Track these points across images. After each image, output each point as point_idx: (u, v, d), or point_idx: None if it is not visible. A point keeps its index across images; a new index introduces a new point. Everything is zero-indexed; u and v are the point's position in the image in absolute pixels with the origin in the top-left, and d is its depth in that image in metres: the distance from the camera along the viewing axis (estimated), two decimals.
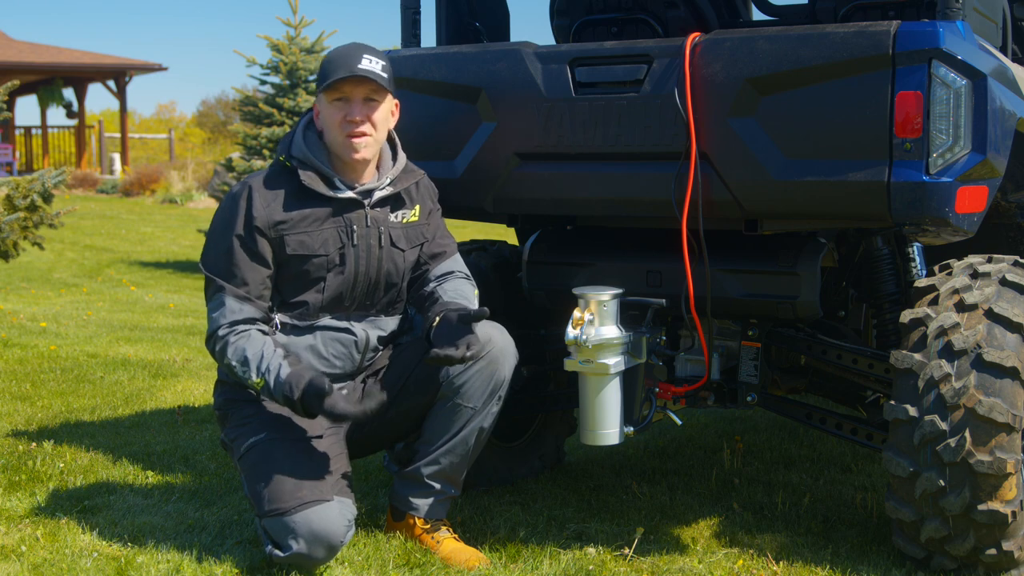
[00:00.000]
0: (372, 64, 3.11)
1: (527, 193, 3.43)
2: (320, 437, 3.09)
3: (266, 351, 3.00)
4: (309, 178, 3.12)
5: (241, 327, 3.04)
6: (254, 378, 2.98)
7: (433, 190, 3.36)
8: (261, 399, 3.12)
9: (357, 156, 3.13)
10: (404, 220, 3.25)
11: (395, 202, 3.24)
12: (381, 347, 3.28)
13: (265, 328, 3.09)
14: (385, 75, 3.13)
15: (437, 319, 3.08)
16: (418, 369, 3.18)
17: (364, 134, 3.12)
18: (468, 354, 2.99)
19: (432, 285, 3.25)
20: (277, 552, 2.93)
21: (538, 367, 3.84)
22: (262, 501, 2.97)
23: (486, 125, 3.41)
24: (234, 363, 3.02)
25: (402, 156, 3.27)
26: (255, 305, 3.08)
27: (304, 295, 3.15)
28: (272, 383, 2.95)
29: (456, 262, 3.34)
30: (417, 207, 3.29)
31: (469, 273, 3.35)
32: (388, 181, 3.22)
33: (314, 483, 2.97)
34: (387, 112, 3.19)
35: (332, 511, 2.93)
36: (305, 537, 2.89)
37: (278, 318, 3.15)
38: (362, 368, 3.26)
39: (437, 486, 3.21)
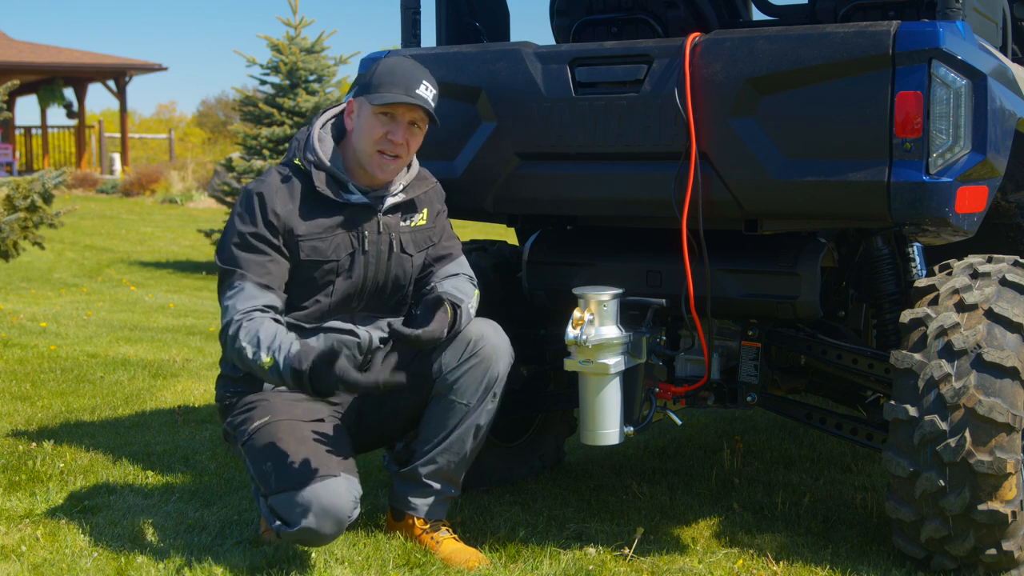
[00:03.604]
0: (427, 92, 3.12)
1: (527, 193, 3.43)
2: (322, 420, 3.10)
3: (279, 332, 2.96)
4: (322, 183, 3.12)
5: (257, 313, 3.01)
6: (264, 358, 2.92)
7: (440, 193, 3.37)
8: (265, 389, 3.11)
9: (382, 175, 3.15)
10: (412, 224, 3.26)
11: (406, 207, 3.25)
12: (382, 347, 3.28)
13: (281, 318, 3.07)
14: (434, 105, 3.15)
15: (411, 309, 3.14)
16: (412, 365, 3.18)
17: (398, 156, 3.14)
18: (420, 333, 2.98)
19: (434, 285, 3.27)
20: (286, 528, 2.91)
21: (538, 367, 3.84)
22: (269, 480, 2.96)
23: (486, 125, 3.41)
24: (245, 344, 2.95)
25: (416, 163, 3.28)
26: (276, 294, 3.07)
27: (312, 298, 3.16)
28: (281, 360, 2.89)
29: (461, 264, 3.34)
30: (425, 211, 3.29)
31: (473, 275, 3.35)
32: (401, 188, 3.22)
33: (321, 459, 2.96)
34: (423, 138, 3.21)
35: (340, 486, 2.93)
36: (315, 511, 2.88)
37: (285, 319, 3.15)
38: (363, 367, 3.26)
39: (436, 486, 3.21)
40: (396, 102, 3.08)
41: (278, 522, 2.93)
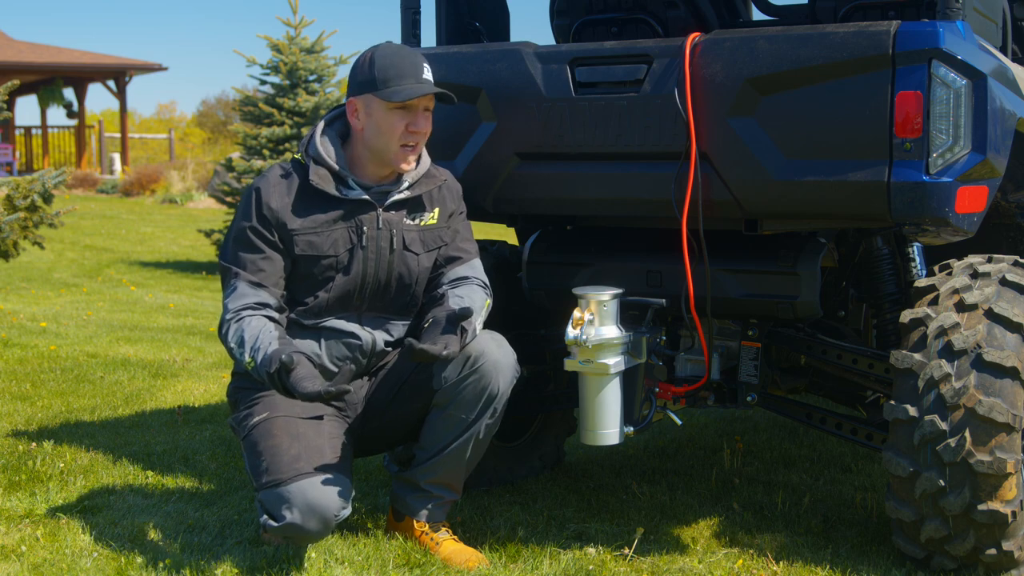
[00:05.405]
0: (431, 74, 3.13)
1: (527, 193, 3.43)
2: (320, 418, 3.09)
3: (263, 333, 2.96)
4: (319, 178, 3.11)
5: (247, 312, 3.02)
6: (247, 358, 2.93)
7: (457, 192, 3.32)
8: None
9: (407, 167, 3.14)
10: (421, 223, 3.22)
11: (413, 205, 3.22)
12: (390, 349, 3.26)
13: (276, 315, 3.07)
14: None
15: (429, 320, 3.06)
16: (413, 375, 3.17)
17: (418, 145, 3.15)
18: (445, 352, 2.91)
19: (444, 289, 3.22)
20: (271, 522, 2.91)
21: (538, 367, 3.84)
22: (260, 474, 2.96)
23: (486, 125, 3.41)
24: (233, 345, 2.98)
25: (426, 159, 3.25)
26: (269, 292, 3.07)
27: (312, 294, 3.15)
28: (259, 360, 2.90)
29: (473, 268, 3.28)
30: (437, 210, 3.25)
31: (487, 281, 3.30)
32: (407, 184, 3.20)
33: (311, 456, 2.96)
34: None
35: (327, 483, 2.92)
36: (299, 507, 2.88)
37: (288, 316, 3.14)
38: (369, 370, 3.26)
39: (436, 491, 3.21)
40: (417, 95, 3.07)
41: (265, 516, 2.93)
